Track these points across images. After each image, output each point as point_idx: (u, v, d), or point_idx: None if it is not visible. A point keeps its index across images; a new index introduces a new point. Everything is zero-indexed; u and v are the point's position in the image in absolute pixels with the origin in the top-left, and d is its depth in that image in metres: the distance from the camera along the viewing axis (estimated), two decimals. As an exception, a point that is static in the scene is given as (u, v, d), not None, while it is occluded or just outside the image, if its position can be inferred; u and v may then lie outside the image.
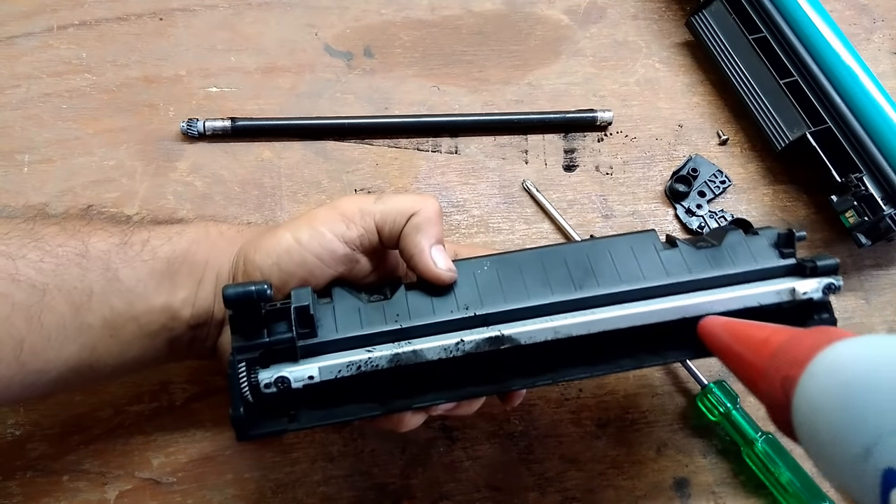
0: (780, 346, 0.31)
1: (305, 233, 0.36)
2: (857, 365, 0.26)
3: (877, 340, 0.28)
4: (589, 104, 0.58)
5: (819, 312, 0.39)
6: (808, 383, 0.28)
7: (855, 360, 0.27)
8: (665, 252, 0.39)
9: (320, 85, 0.56)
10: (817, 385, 0.27)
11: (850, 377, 0.26)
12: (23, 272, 0.34)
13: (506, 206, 0.55)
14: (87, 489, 0.45)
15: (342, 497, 0.47)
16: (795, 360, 0.29)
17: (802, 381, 0.28)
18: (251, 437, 0.34)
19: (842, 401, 0.26)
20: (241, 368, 0.33)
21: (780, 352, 0.30)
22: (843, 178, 0.51)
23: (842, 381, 0.26)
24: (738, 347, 0.33)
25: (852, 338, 0.29)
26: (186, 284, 0.37)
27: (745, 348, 0.33)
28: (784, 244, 0.39)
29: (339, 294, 0.36)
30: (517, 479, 0.48)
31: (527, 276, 0.37)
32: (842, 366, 0.27)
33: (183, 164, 0.53)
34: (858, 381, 0.25)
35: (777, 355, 0.30)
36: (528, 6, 0.61)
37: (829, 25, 0.54)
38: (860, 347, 0.28)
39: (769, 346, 0.31)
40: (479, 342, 0.35)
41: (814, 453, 0.28)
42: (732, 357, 0.34)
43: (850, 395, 0.25)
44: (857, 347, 0.28)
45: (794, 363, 0.29)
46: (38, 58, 0.54)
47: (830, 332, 0.30)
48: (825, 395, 0.27)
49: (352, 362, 0.34)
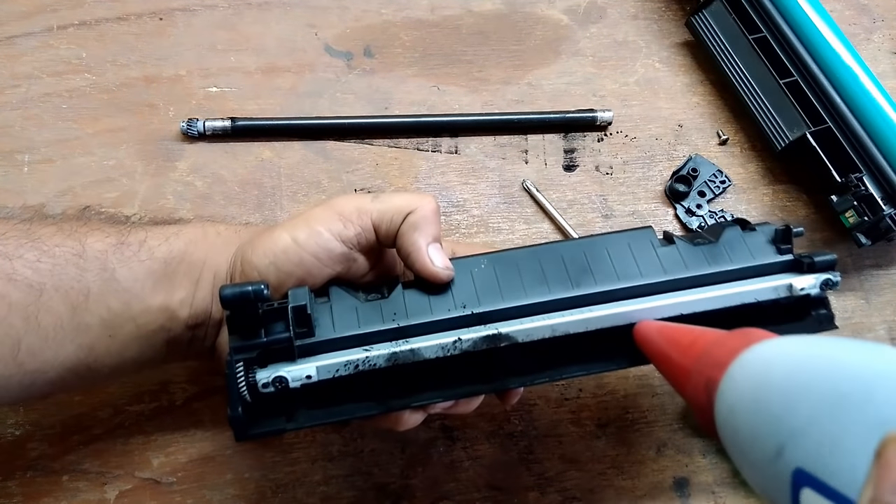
0: (705, 348, 0.31)
1: (303, 232, 0.36)
2: (773, 366, 0.27)
3: (795, 342, 0.28)
4: (589, 104, 0.58)
5: (816, 308, 0.39)
6: (727, 385, 0.28)
7: (771, 361, 0.27)
8: (662, 249, 0.39)
9: (320, 85, 0.56)
10: (736, 387, 0.28)
11: (764, 378, 0.26)
12: (20, 272, 0.34)
13: (506, 206, 0.55)
14: (86, 489, 0.45)
15: (342, 497, 0.47)
16: (717, 363, 0.29)
17: (723, 383, 0.28)
18: (250, 437, 0.34)
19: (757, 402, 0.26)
20: (238, 368, 0.33)
21: (705, 354, 0.31)
22: (843, 178, 0.51)
23: (757, 382, 0.26)
24: (668, 350, 0.34)
25: (773, 339, 0.29)
26: (184, 285, 0.37)
27: (674, 351, 0.33)
28: (781, 240, 0.39)
29: (337, 293, 0.36)
30: (517, 479, 0.48)
31: (524, 274, 0.37)
32: (759, 367, 0.27)
33: (183, 164, 0.53)
34: (772, 381, 0.26)
35: (701, 358, 0.31)
36: (528, 6, 0.61)
37: (829, 25, 0.54)
38: (778, 349, 0.28)
39: (695, 348, 0.32)
40: (476, 340, 0.35)
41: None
42: (663, 360, 0.34)
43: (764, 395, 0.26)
44: (775, 349, 0.28)
45: (715, 366, 0.29)
46: (38, 58, 0.54)
47: (752, 335, 0.30)
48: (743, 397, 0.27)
49: (349, 361, 0.34)
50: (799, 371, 0.25)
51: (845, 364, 0.24)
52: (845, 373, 0.24)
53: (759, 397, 0.26)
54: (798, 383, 0.25)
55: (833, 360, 0.25)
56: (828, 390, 0.23)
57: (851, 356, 0.24)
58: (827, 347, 0.26)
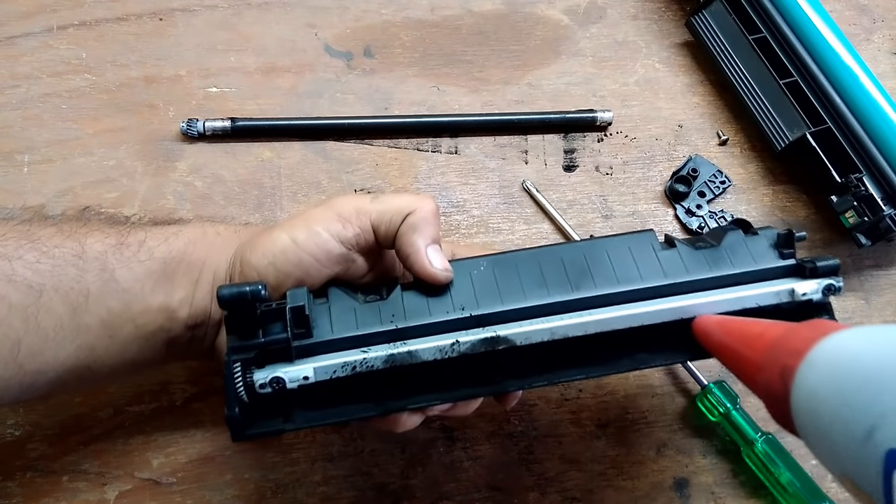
0: (777, 338, 0.31)
1: (302, 233, 0.36)
2: (855, 352, 0.27)
3: (872, 330, 0.28)
4: (589, 104, 0.58)
5: (819, 314, 0.39)
6: (806, 372, 0.28)
7: (852, 347, 0.27)
8: (663, 252, 0.38)
9: (320, 85, 0.56)
10: (817, 373, 0.28)
11: (848, 364, 0.26)
12: (19, 273, 0.34)
13: (506, 206, 0.55)
14: (86, 489, 0.45)
15: (342, 497, 0.47)
16: (793, 351, 0.29)
17: (801, 370, 0.28)
18: (246, 438, 0.34)
19: (841, 386, 0.26)
20: (236, 369, 0.33)
21: (777, 344, 0.30)
22: (843, 178, 0.51)
23: (841, 367, 0.27)
24: (734, 343, 0.33)
25: (849, 328, 0.29)
26: (183, 285, 0.37)
27: (740, 344, 0.33)
28: (784, 245, 0.39)
29: (335, 294, 0.36)
30: (517, 479, 0.48)
31: (523, 277, 0.37)
32: (840, 354, 0.27)
33: (183, 164, 0.53)
34: (857, 366, 0.26)
35: (774, 348, 0.31)
36: (528, 6, 0.61)
37: (829, 25, 0.54)
38: (857, 336, 0.28)
39: (765, 339, 0.31)
40: (474, 343, 0.35)
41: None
42: (728, 354, 0.34)
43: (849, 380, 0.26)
44: (854, 337, 0.28)
45: (791, 354, 0.29)
46: (38, 58, 0.54)
47: (827, 325, 0.30)
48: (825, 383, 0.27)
49: (347, 363, 0.34)
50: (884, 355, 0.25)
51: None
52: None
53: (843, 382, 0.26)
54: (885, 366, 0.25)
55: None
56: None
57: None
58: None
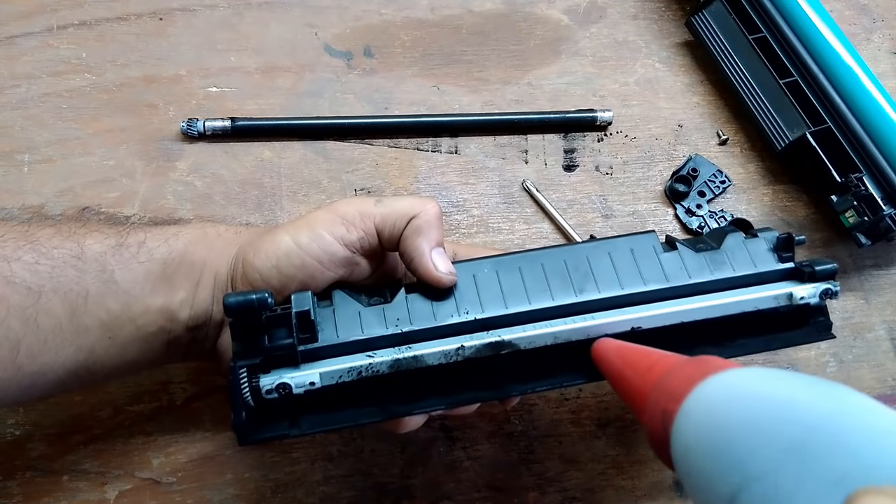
0: (661, 376, 0.29)
1: (305, 236, 0.36)
2: (729, 404, 0.25)
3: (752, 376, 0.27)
4: (589, 104, 0.58)
5: (815, 316, 0.39)
6: (682, 421, 0.27)
7: (727, 398, 0.26)
8: (664, 255, 0.38)
9: (320, 85, 0.56)
10: (691, 424, 0.26)
11: (720, 417, 0.25)
12: (18, 274, 0.34)
13: (506, 206, 0.55)
14: (86, 489, 0.45)
15: (342, 497, 0.47)
16: (673, 394, 0.28)
17: (678, 418, 0.27)
18: (253, 442, 0.34)
19: (712, 443, 0.25)
20: (242, 374, 0.32)
21: (661, 383, 0.29)
22: (843, 178, 0.51)
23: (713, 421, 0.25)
24: (627, 373, 0.32)
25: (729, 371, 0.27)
26: (184, 286, 0.37)
27: (632, 374, 0.32)
28: (783, 248, 0.39)
29: (340, 297, 0.36)
30: (517, 479, 0.48)
31: (527, 280, 0.37)
32: (715, 404, 0.26)
33: (183, 164, 0.53)
34: (728, 422, 0.24)
35: (658, 387, 0.29)
36: (528, 6, 0.61)
37: (829, 25, 0.54)
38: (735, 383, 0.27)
39: (653, 374, 0.30)
40: (479, 347, 0.35)
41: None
42: (620, 382, 0.33)
43: (719, 437, 0.24)
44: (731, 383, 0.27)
45: (671, 397, 0.28)
46: (38, 58, 0.54)
47: (708, 364, 0.29)
48: (698, 436, 0.26)
49: (353, 368, 0.34)
50: (757, 413, 0.24)
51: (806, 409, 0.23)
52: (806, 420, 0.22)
53: (714, 438, 0.24)
54: (755, 426, 0.23)
55: (793, 403, 0.23)
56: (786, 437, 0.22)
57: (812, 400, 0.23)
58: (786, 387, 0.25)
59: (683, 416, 0.27)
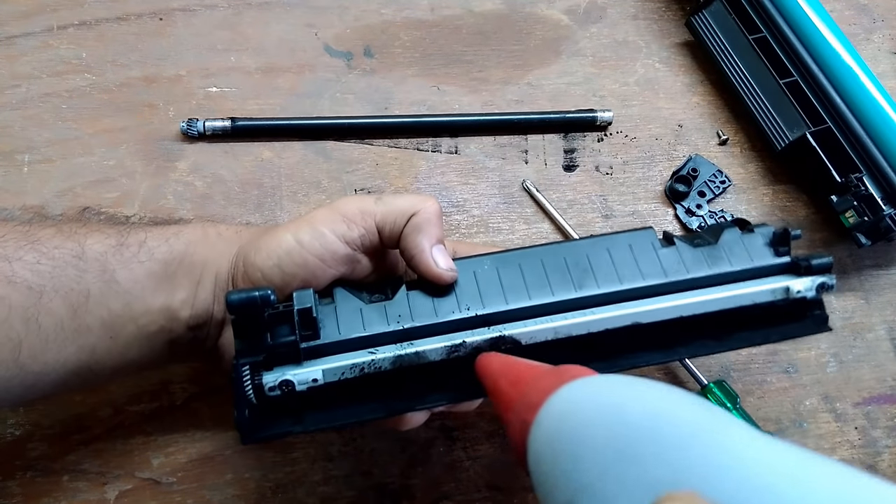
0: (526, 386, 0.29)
1: (306, 234, 0.36)
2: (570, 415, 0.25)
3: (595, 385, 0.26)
4: (589, 104, 0.58)
5: (812, 310, 0.39)
6: (535, 432, 0.26)
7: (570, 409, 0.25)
8: (663, 250, 0.39)
9: (320, 85, 0.56)
10: (541, 435, 0.26)
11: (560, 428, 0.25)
12: (19, 274, 0.34)
13: (506, 206, 0.55)
14: (86, 489, 0.45)
15: (342, 497, 0.47)
16: (531, 405, 0.27)
17: (532, 429, 0.26)
18: (256, 440, 0.34)
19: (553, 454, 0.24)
20: (244, 372, 0.33)
21: (523, 394, 0.28)
22: (843, 178, 0.51)
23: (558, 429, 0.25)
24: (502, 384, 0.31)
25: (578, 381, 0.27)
26: (184, 286, 0.37)
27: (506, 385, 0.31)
28: (779, 242, 0.40)
29: (341, 294, 0.36)
30: (517, 479, 0.48)
31: (527, 276, 0.37)
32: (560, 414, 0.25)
33: (183, 164, 0.53)
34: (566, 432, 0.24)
35: (520, 398, 0.28)
36: (528, 6, 0.61)
37: (829, 25, 0.54)
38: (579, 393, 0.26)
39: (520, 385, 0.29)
40: (480, 343, 0.35)
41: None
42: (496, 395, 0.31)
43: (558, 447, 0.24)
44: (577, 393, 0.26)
45: (529, 407, 0.27)
46: (38, 58, 0.54)
47: (564, 374, 0.28)
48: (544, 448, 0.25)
49: (355, 364, 0.34)
50: (589, 422, 0.23)
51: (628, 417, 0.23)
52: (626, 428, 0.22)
53: (556, 448, 0.24)
54: (587, 436, 0.23)
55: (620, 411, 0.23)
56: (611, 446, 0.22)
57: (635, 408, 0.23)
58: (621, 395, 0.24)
59: (536, 426, 0.26)
